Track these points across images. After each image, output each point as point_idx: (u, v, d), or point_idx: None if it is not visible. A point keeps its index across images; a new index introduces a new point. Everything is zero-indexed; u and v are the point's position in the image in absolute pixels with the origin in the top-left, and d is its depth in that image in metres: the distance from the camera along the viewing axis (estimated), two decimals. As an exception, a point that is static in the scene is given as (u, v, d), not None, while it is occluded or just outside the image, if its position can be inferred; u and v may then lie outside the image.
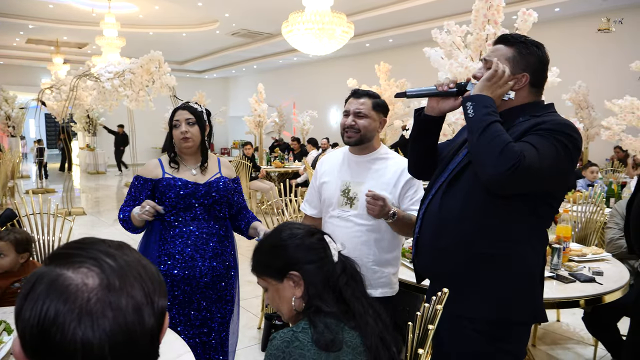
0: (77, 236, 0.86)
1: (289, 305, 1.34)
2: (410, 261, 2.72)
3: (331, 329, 1.23)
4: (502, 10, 3.60)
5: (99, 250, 0.69)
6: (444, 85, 1.72)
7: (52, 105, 10.84)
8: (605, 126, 5.78)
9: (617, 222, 3.50)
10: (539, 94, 1.71)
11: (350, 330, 1.27)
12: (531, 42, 1.67)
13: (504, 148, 1.47)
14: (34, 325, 0.62)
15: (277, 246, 1.38)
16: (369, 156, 2.31)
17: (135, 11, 11.58)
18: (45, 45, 14.68)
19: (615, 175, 7.77)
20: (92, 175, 16.36)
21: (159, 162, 2.40)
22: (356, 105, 2.24)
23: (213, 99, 17.27)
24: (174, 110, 2.40)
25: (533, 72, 1.65)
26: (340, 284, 1.33)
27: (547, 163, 1.49)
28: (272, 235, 1.44)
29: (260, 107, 10.41)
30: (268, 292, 1.40)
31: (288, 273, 1.33)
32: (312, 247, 1.36)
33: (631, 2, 9.07)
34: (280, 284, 1.35)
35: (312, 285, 1.31)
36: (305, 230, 1.40)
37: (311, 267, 1.33)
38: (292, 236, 1.38)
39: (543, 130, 1.54)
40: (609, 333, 3.13)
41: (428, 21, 11.14)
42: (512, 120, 1.65)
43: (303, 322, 1.26)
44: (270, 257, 1.39)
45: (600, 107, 7.47)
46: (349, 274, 1.37)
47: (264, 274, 1.39)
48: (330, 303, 1.29)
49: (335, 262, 1.37)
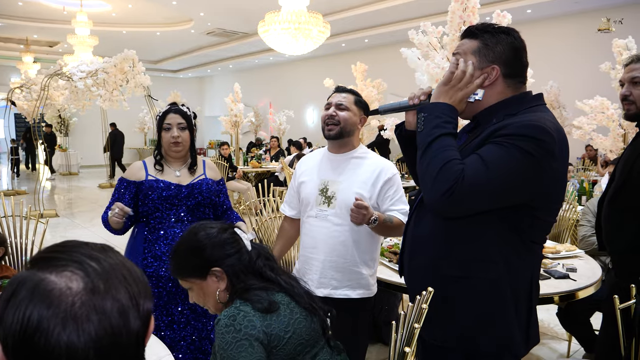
0: (50, 239, 0.84)
1: (214, 298, 1.46)
2: (389, 260, 2.74)
3: (262, 295, 1.39)
4: (477, 11, 3.65)
5: (82, 253, 0.68)
6: (415, 98, 1.59)
7: (22, 105, 10.59)
8: (577, 125, 5.91)
9: (588, 220, 3.57)
10: (519, 86, 1.52)
11: (277, 293, 1.44)
12: (498, 30, 1.49)
13: (442, 167, 1.35)
14: (16, 331, 0.60)
15: (196, 247, 1.46)
16: (348, 155, 2.30)
17: (108, 9, 11.40)
18: (15, 43, 14.33)
19: (586, 173, 7.96)
20: (65, 176, 16.03)
21: (143, 164, 2.41)
22: (338, 98, 2.26)
23: (188, 98, 17.12)
24: (165, 113, 2.38)
25: (504, 63, 1.47)
26: (258, 266, 1.47)
27: (498, 176, 1.34)
28: (188, 238, 1.51)
29: (237, 107, 10.34)
30: (192, 291, 1.50)
31: (210, 270, 1.44)
32: (227, 242, 1.47)
33: (601, 5, 9.29)
34: (204, 281, 1.45)
35: (234, 276, 1.44)
36: (218, 228, 1.50)
37: (230, 260, 1.45)
38: (208, 236, 1.47)
39: (502, 137, 1.37)
40: (583, 328, 3.20)
41: (403, 22, 11.24)
42: (487, 122, 1.49)
43: (237, 302, 1.39)
44: (190, 259, 1.47)
45: (572, 106, 7.65)
46: (263, 257, 1.51)
47: (187, 275, 1.48)
48: (253, 280, 1.44)
49: (250, 250, 1.50)
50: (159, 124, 2.38)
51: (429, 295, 1.38)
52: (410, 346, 1.27)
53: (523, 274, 1.50)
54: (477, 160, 1.36)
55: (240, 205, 8.27)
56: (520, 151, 1.34)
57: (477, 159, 1.36)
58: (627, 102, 2.20)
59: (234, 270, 1.44)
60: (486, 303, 1.47)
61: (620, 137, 5.50)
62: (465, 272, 1.48)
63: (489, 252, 1.46)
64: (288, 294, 1.45)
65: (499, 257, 1.45)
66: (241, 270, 1.44)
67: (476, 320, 1.48)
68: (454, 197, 1.33)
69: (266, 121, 16.53)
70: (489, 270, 1.46)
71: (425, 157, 1.42)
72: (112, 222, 2.22)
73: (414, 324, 1.31)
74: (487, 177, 1.33)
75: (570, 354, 3.45)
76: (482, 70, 1.47)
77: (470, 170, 1.34)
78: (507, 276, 1.46)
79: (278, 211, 3.77)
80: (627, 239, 2.16)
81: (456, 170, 1.34)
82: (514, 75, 1.49)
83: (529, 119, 1.40)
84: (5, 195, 3.41)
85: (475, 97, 1.49)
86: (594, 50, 9.23)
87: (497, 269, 1.45)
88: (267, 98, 17.64)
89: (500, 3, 9.20)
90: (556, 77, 9.27)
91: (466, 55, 1.49)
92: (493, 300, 1.47)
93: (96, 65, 8.37)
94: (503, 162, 1.34)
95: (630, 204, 2.14)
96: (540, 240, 1.55)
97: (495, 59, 1.46)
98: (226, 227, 1.52)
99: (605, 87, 6.62)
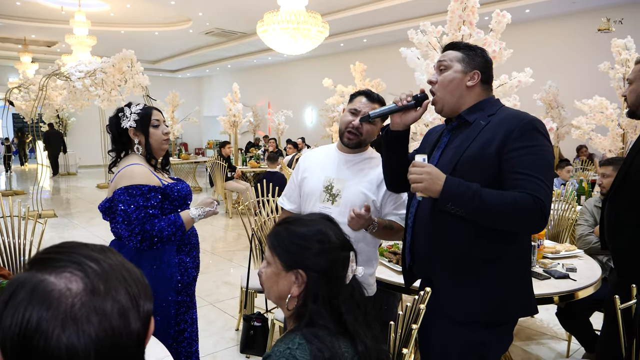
0: (49, 239, 0.83)
1: (281, 295, 1.28)
2: (388, 260, 2.74)
3: (326, 343, 1.16)
4: (476, 11, 3.64)
5: (82, 254, 0.68)
6: (402, 100, 1.81)
7: (20, 105, 10.57)
8: (575, 125, 5.91)
9: (586, 219, 3.58)
10: (489, 91, 1.81)
11: (343, 339, 1.21)
12: (474, 47, 1.81)
13: (515, 209, 1.54)
14: (15, 334, 0.60)
15: (305, 239, 1.27)
16: (358, 156, 2.26)
17: (106, 9, 11.39)
18: (13, 43, 14.30)
19: (585, 173, 7.97)
20: (63, 176, 16.02)
21: (144, 167, 2.25)
22: (368, 109, 2.14)
23: (187, 98, 17.08)
24: (149, 110, 2.30)
25: (482, 71, 1.77)
26: (343, 309, 1.24)
27: (550, 174, 1.61)
28: (310, 223, 1.32)
29: (235, 107, 10.34)
30: (269, 267, 1.31)
31: (297, 269, 1.25)
32: (335, 261, 1.27)
33: (600, 4, 9.30)
34: (284, 271, 1.26)
35: (312, 295, 1.23)
36: (340, 241, 1.30)
37: (321, 278, 1.24)
38: (323, 240, 1.27)
39: (519, 141, 1.62)
40: (582, 328, 3.20)
41: (401, 22, 11.25)
42: (472, 118, 1.75)
43: (298, 338, 1.17)
44: (292, 243, 1.28)
45: (570, 106, 7.65)
46: (355, 301, 1.28)
47: (277, 252, 1.29)
48: (326, 319, 1.21)
49: (346, 283, 1.28)
50: (145, 123, 2.27)
51: (427, 296, 1.39)
52: (408, 347, 1.27)
53: (528, 242, 1.80)
54: (525, 178, 1.57)
55: (239, 205, 8.27)
56: (541, 143, 1.62)
57: (524, 178, 1.57)
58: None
59: (316, 291, 1.23)
60: (516, 277, 1.72)
61: (619, 137, 5.51)
62: (498, 253, 1.68)
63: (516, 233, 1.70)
64: (356, 350, 1.21)
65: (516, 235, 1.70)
66: (323, 296, 1.23)
67: (509, 293, 1.69)
68: (545, 219, 1.57)
69: (265, 121, 16.53)
70: (518, 249, 1.72)
71: (496, 216, 1.58)
72: (209, 216, 2.30)
73: (411, 324, 1.31)
74: (545, 183, 1.57)
75: (569, 354, 3.45)
76: (466, 74, 1.76)
77: (533, 189, 1.55)
78: (527, 249, 1.76)
79: (277, 211, 3.77)
80: (626, 235, 2.18)
81: (528, 202, 1.54)
82: (488, 82, 1.80)
83: (516, 114, 1.69)
84: (3, 196, 3.40)
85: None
86: (593, 50, 9.25)
87: (522, 245, 1.73)
88: (266, 98, 17.64)
89: (499, 3, 9.21)
90: (554, 76, 9.29)
91: (452, 62, 1.77)
92: (521, 273, 1.74)
93: (94, 65, 8.36)
94: (542, 161, 1.61)
95: (629, 201, 2.16)
96: None
97: (476, 66, 1.76)
98: (347, 246, 1.32)
99: (604, 87, 6.63)
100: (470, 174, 1.63)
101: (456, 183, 1.58)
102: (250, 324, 2.79)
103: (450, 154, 1.74)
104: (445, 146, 1.81)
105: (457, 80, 1.76)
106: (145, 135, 2.27)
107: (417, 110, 1.84)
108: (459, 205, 1.58)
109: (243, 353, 3.00)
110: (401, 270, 2.57)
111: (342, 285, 1.26)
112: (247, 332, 2.80)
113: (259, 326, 2.78)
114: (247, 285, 3.07)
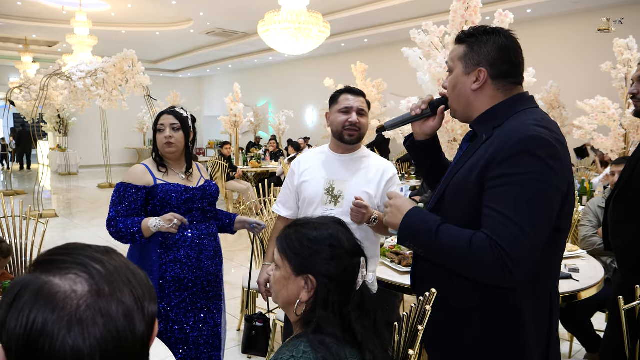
0: (50, 239, 0.83)
1: (290, 300, 1.24)
2: (390, 260, 2.74)
3: (332, 352, 1.12)
4: (479, 11, 3.64)
5: (86, 255, 0.67)
6: (417, 109, 1.61)
7: (21, 104, 10.58)
8: (577, 125, 5.90)
9: (590, 220, 3.56)
10: (511, 87, 1.43)
11: (350, 348, 1.17)
12: (484, 31, 1.44)
13: (467, 256, 1.26)
14: (20, 336, 0.59)
15: (317, 243, 1.23)
16: (353, 155, 2.30)
17: (107, 9, 11.38)
18: (14, 43, 14.30)
19: (587, 173, 7.96)
20: (64, 176, 16.02)
21: (146, 167, 2.36)
22: (358, 104, 2.22)
23: (187, 98, 17.10)
24: (160, 114, 2.39)
25: (492, 63, 1.40)
26: (353, 317, 1.20)
27: (532, 213, 1.24)
28: (321, 227, 1.27)
29: (236, 107, 10.34)
30: (277, 270, 1.26)
31: (307, 275, 1.21)
32: (345, 268, 1.22)
33: (601, 4, 9.29)
34: (293, 275, 1.23)
35: (322, 301, 1.20)
36: (351, 246, 1.26)
37: (331, 284, 1.20)
38: (335, 245, 1.23)
39: (500, 168, 1.28)
40: (584, 328, 3.19)
41: (402, 22, 11.23)
42: (480, 129, 1.45)
43: (303, 345, 1.14)
44: (303, 246, 1.23)
45: (572, 106, 7.64)
46: (365, 309, 1.24)
47: (287, 255, 1.25)
48: (335, 326, 1.18)
49: (356, 290, 1.24)
50: (154, 127, 2.39)
51: (432, 297, 1.37)
52: (414, 349, 1.27)
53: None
54: (494, 218, 1.26)
55: (240, 205, 8.27)
56: (533, 171, 1.25)
57: (492, 217, 1.26)
58: (636, 100, 2.27)
59: (325, 297, 1.19)
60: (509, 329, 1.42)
61: (621, 137, 5.50)
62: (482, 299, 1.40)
63: None
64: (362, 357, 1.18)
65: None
66: (332, 303, 1.19)
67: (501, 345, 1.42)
68: (512, 273, 1.22)
69: (266, 121, 16.53)
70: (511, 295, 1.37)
71: (450, 260, 1.34)
72: (167, 231, 2.18)
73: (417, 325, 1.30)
74: (515, 230, 1.22)
75: (571, 354, 3.45)
76: (468, 75, 1.43)
77: (498, 235, 1.24)
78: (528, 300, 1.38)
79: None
80: (628, 236, 2.18)
81: (482, 247, 1.24)
82: (504, 76, 1.42)
83: (515, 130, 1.32)
84: (4, 195, 3.40)
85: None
86: (594, 50, 9.24)
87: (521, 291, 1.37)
88: (267, 98, 17.63)
89: (501, 2, 9.20)
90: (556, 76, 9.27)
91: (454, 62, 1.47)
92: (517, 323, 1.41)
93: (95, 65, 8.36)
94: (525, 198, 1.25)
95: (633, 201, 2.16)
96: (557, 247, 1.43)
97: (481, 61, 1.41)
98: (359, 252, 1.27)
99: (606, 87, 6.62)
100: (455, 204, 1.41)
101: (416, 217, 1.38)
102: (252, 324, 2.79)
103: (448, 176, 1.50)
104: (457, 161, 1.52)
105: (459, 85, 1.46)
106: (154, 139, 2.40)
107: (434, 119, 1.65)
108: (416, 244, 1.38)
109: (245, 353, 3.00)
110: (402, 271, 2.59)
111: (352, 292, 1.22)
112: (249, 333, 2.79)
113: (260, 326, 2.78)
114: (248, 285, 3.07)
